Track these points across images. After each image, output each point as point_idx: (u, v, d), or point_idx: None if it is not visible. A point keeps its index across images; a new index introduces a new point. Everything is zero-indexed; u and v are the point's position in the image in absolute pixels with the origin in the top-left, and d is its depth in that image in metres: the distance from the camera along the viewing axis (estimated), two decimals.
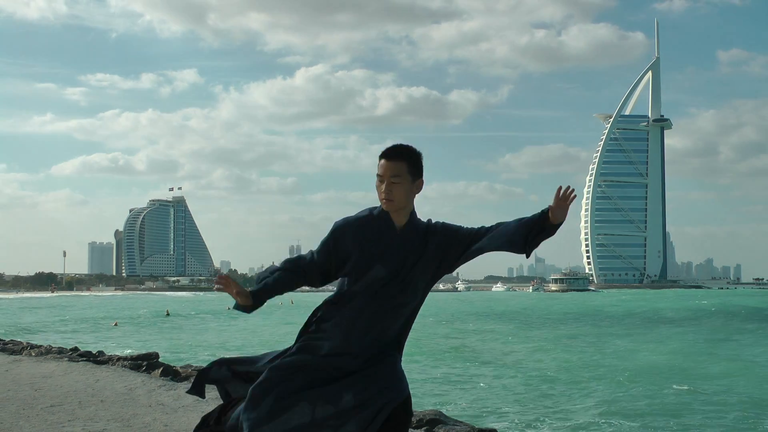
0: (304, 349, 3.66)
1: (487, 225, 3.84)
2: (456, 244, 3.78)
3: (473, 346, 31.74)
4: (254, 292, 3.64)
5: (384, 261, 3.63)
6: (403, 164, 3.68)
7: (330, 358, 3.62)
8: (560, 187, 3.60)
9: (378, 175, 3.68)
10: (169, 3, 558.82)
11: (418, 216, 3.78)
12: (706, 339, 36.23)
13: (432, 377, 20.83)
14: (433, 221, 3.83)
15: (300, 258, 3.77)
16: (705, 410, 15.76)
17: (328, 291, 4.33)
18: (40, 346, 15.63)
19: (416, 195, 3.76)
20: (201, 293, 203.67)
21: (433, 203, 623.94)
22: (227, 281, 3.65)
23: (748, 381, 20.67)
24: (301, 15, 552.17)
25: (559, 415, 14.94)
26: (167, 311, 64.39)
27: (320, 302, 3.77)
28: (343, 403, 3.53)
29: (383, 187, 3.64)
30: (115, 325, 47.54)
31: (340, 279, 3.74)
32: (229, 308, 77.70)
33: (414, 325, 3.80)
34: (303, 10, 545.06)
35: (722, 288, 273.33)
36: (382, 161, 3.68)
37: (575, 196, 3.62)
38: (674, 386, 19.21)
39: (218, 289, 3.70)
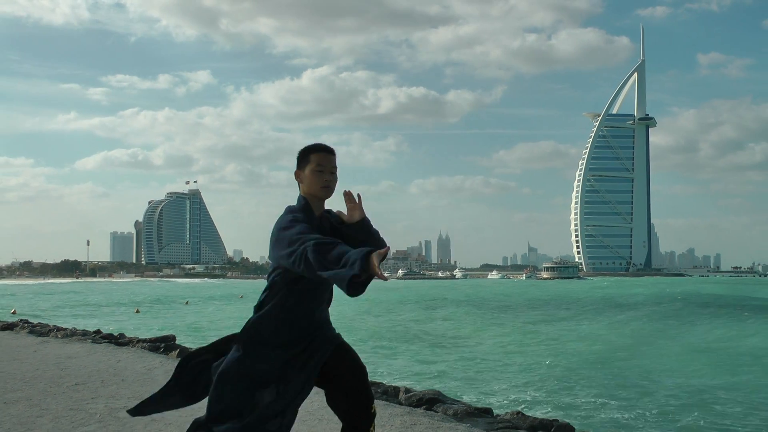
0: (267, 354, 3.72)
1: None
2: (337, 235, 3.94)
3: (441, 332, 31.47)
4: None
5: None
6: (335, 158, 3.90)
7: (282, 349, 3.72)
8: (344, 195, 3.85)
9: (317, 165, 3.81)
10: (183, 9, 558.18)
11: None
12: (655, 323, 36.05)
13: (419, 360, 20.92)
14: (332, 210, 3.97)
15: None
16: (629, 387, 15.87)
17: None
18: (66, 328, 15.69)
19: None
20: (211, 280, 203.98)
21: (431, 196, 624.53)
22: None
23: (676, 363, 20.53)
24: (307, 20, 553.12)
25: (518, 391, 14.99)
26: (187, 301, 64.26)
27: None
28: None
29: (324, 177, 3.79)
30: (137, 312, 47.54)
31: (276, 273, 3.74)
32: (241, 296, 77.61)
33: (394, 313, 3.83)
34: (309, 15, 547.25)
35: (702, 276, 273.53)
36: (322, 154, 3.84)
37: (359, 194, 3.83)
38: (606, 366, 19.45)
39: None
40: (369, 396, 3.89)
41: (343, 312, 39.59)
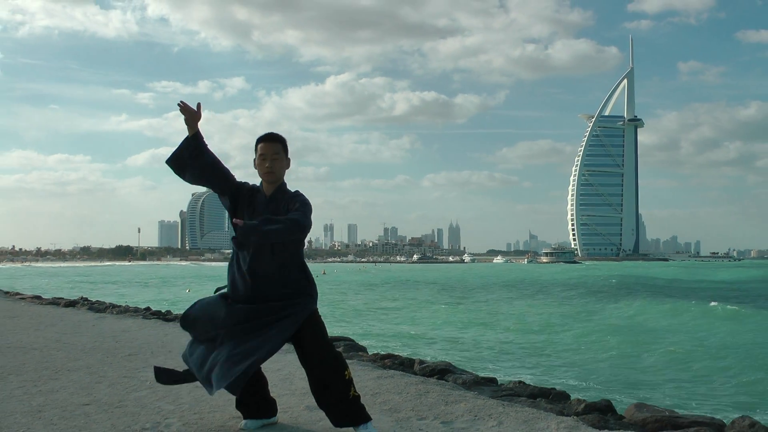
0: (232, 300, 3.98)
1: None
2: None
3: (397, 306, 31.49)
4: (198, 133, 3.98)
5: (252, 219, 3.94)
6: (279, 145, 4.02)
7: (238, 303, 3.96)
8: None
9: (260, 155, 4.00)
10: (220, 22, 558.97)
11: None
12: (589, 302, 34.85)
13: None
14: (299, 192, 4.06)
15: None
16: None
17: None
18: (120, 305, 15.81)
19: (287, 170, 4.12)
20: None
21: (442, 189, 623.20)
22: (189, 109, 3.95)
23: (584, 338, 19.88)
24: (330, 32, 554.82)
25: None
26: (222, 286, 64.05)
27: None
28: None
29: (266, 163, 3.98)
30: (189, 291, 47.56)
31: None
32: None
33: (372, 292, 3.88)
34: (331, 27, 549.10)
35: (683, 260, 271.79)
36: (264, 143, 4.02)
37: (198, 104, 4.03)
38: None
39: (182, 110, 3.93)
40: (336, 364, 3.93)
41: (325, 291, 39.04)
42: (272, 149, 4.01)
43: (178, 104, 3.94)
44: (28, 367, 6.62)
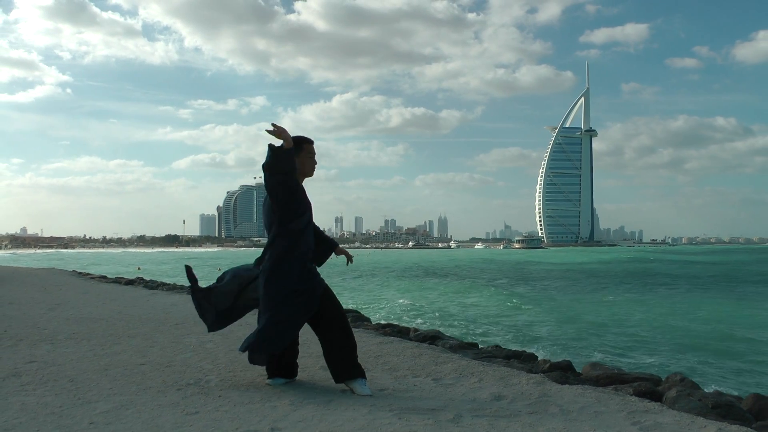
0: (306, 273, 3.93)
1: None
2: None
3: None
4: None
5: (308, 208, 4.00)
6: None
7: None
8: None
9: (310, 152, 4.02)
10: (244, 51, 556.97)
11: None
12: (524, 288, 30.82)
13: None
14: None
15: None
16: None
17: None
18: (169, 284, 15.82)
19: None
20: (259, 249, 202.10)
21: (431, 188, 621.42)
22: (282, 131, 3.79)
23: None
24: (334, 59, 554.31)
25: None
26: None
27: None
28: None
29: (314, 161, 4.06)
30: (219, 270, 47.31)
31: (285, 220, 3.89)
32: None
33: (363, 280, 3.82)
34: (336, 55, 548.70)
35: (630, 246, 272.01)
36: (311, 145, 4.05)
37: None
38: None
39: (273, 132, 3.76)
40: (350, 327, 3.97)
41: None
42: (314, 150, 4.13)
43: (270, 129, 3.79)
44: (96, 334, 6.65)
